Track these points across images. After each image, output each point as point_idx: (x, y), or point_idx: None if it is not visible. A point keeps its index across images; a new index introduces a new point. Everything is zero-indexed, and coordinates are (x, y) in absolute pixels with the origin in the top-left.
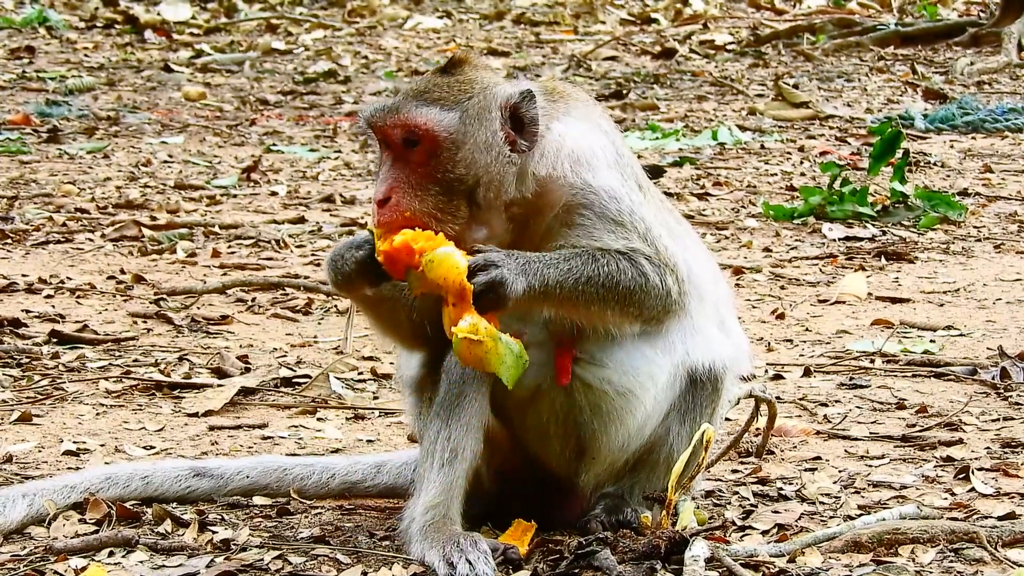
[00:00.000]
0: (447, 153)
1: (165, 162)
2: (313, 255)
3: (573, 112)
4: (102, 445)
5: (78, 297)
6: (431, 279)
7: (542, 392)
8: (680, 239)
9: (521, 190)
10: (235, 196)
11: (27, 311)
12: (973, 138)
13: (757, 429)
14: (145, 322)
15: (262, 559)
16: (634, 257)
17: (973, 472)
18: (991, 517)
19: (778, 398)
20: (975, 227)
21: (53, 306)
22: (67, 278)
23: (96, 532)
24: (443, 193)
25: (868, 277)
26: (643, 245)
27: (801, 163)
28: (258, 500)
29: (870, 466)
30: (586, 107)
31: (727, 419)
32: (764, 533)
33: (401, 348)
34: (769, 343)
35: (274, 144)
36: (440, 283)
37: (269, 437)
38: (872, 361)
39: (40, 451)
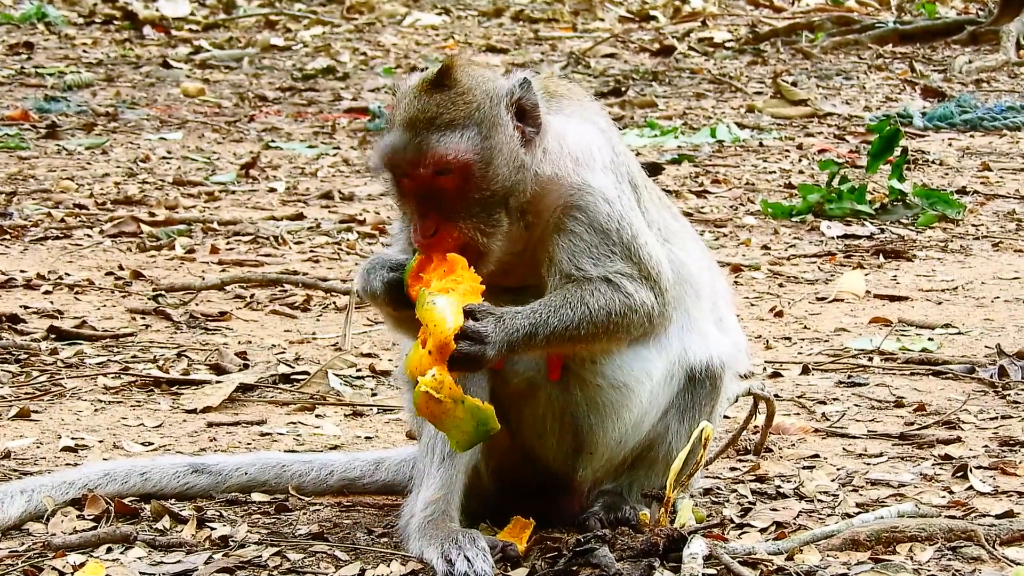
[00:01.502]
0: (480, 172)
1: (164, 158)
2: (312, 251)
3: (569, 110)
4: (100, 441)
5: (76, 293)
6: (420, 317)
7: (538, 386)
8: (676, 236)
9: (526, 192)
10: (234, 192)
11: (25, 307)
12: (971, 136)
13: (755, 427)
14: (144, 318)
15: (260, 556)
16: (619, 282)
17: (971, 470)
18: (989, 515)
19: (776, 396)
20: (973, 225)
21: (51, 302)
22: (65, 274)
23: (94, 528)
24: (484, 210)
25: (866, 275)
26: (624, 264)
27: (799, 161)
28: (256, 497)
29: (868, 464)
30: (583, 105)
31: (725, 417)
32: (762, 531)
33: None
34: (767, 341)
35: (273, 140)
36: (426, 326)
37: (267, 433)
38: (870, 359)
39: (38, 447)
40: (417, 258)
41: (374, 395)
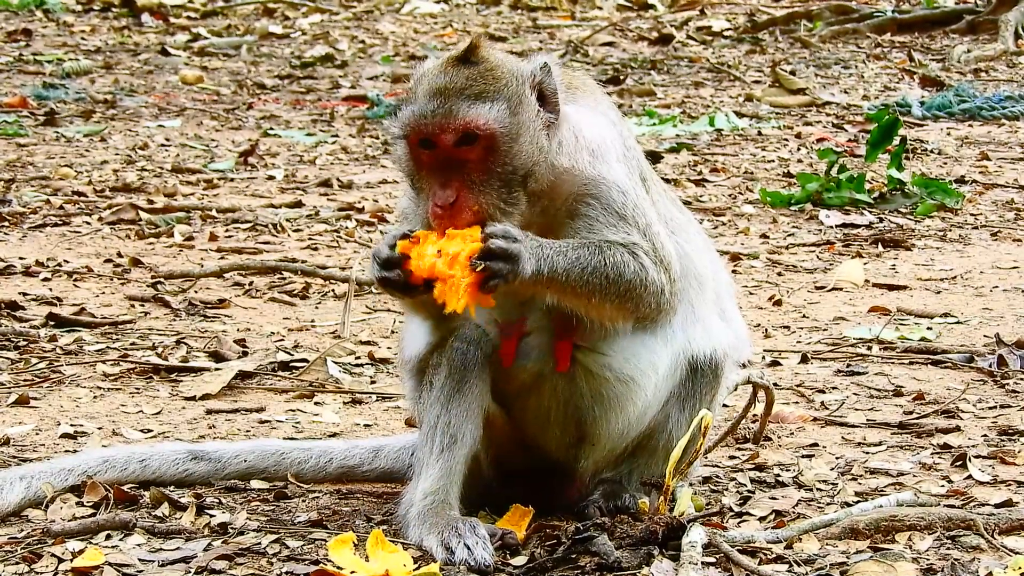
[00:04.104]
0: (505, 146)
1: (162, 145)
2: (310, 239)
3: (583, 102)
4: (99, 428)
5: (75, 280)
6: (441, 249)
7: (544, 378)
8: (681, 228)
9: (544, 178)
10: (232, 180)
11: (24, 294)
12: (970, 125)
13: (755, 415)
14: (142, 305)
15: (259, 543)
16: (635, 251)
17: (970, 459)
18: (988, 504)
19: (776, 384)
20: (972, 214)
21: (50, 289)
22: (64, 261)
23: (94, 515)
24: (504, 186)
25: (865, 264)
26: (643, 240)
27: (798, 150)
28: (256, 484)
29: (867, 453)
30: (595, 98)
31: (725, 405)
32: (761, 519)
33: (425, 321)
34: (766, 330)
35: (271, 128)
36: (448, 254)
37: (266, 421)
38: (869, 348)
39: (37, 434)
40: (403, 242)
41: (373, 383)
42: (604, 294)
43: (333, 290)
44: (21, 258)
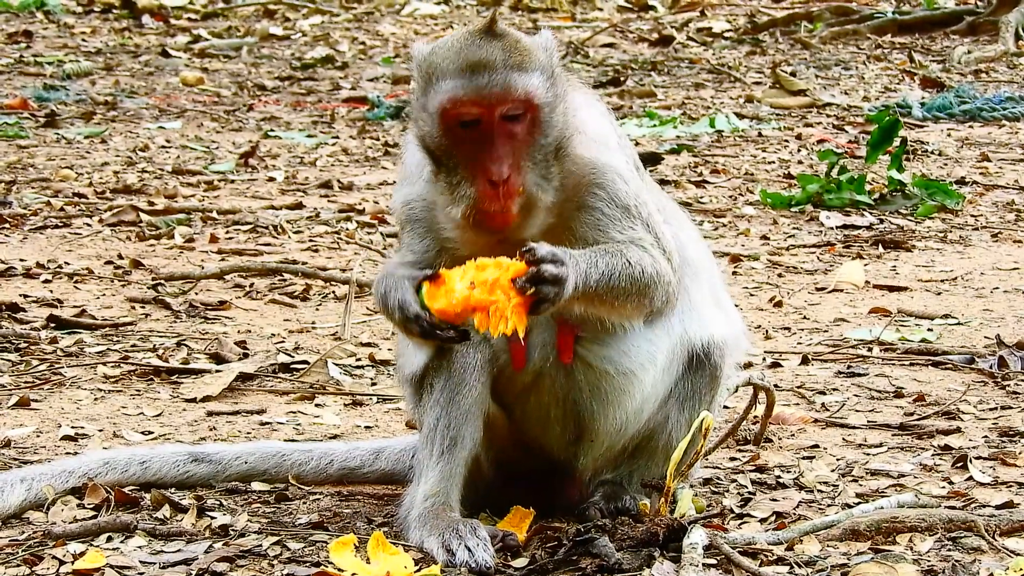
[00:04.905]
0: (546, 117)
1: (163, 147)
2: (311, 241)
3: (577, 93)
4: (100, 430)
5: (76, 282)
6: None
7: (544, 374)
8: (674, 217)
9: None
10: (233, 181)
11: (25, 296)
12: (970, 127)
13: (755, 417)
14: (143, 307)
15: (260, 545)
16: (646, 246)
17: (971, 461)
18: (989, 506)
19: (776, 386)
20: (972, 216)
21: (51, 291)
22: (65, 263)
23: (94, 517)
24: (544, 160)
25: (866, 265)
26: (647, 234)
27: (799, 151)
28: (256, 486)
29: (868, 454)
30: (585, 90)
31: (725, 407)
32: (762, 521)
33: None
34: (767, 331)
35: (272, 130)
36: (484, 269)
37: (267, 423)
38: (870, 349)
39: (38, 436)
40: (427, 285)
41: (374, 384)
42: (627, 296)
43: (334, 292)
44: (22, 260)
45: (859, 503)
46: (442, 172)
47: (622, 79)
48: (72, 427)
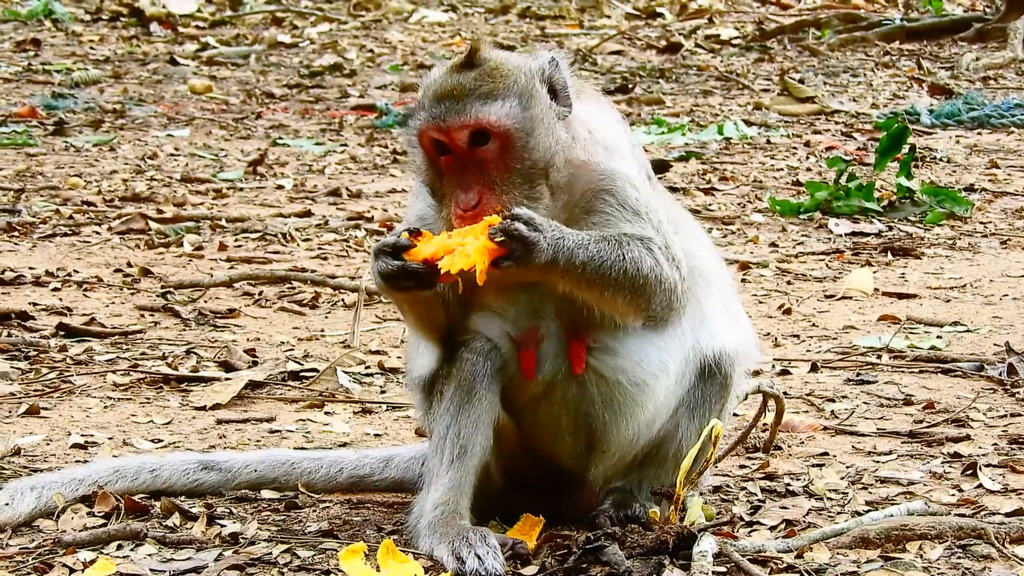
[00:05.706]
0: (521, 141)
1: (171, 155)
2: (320, 249)
3: (589, 101)
4: (110, 438)
5: (85, 290)
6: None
7: (555, 385)
8: (684, 227)
9: (563, 170)
10: (241, 189)
11: (34, 304)
12: (979, 134)
13: (765, 424)
14: (152, 315)
15: (270, 553)
16: (651, 246)
17: (980, 468)
18: (999, 513)
19: (785, 393)
20: (981, 223)
21: (60, 299)
22: (74, 271)
23: (104, 525)
24: (526, 182)
25: (874, 273)
26: (656, 236)
27: (807, 158)
28: (266, 494)
29: (877, 462)
30: (598, 98)
31: (735, 415)
32: (772, 529)
33: (430, 342)
34: (776, 338)
35: (280, 137)
36: (464, 234)
37: (277, 431)
38: (879, 357)
39: (48, 444)
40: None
41: (383, 392)
42: (618, 288)
43: (343, 300)
44: (31, 268)
45: (869, 511)
46: (432, 192)
47: (630, 86)
48: (82, 435)
